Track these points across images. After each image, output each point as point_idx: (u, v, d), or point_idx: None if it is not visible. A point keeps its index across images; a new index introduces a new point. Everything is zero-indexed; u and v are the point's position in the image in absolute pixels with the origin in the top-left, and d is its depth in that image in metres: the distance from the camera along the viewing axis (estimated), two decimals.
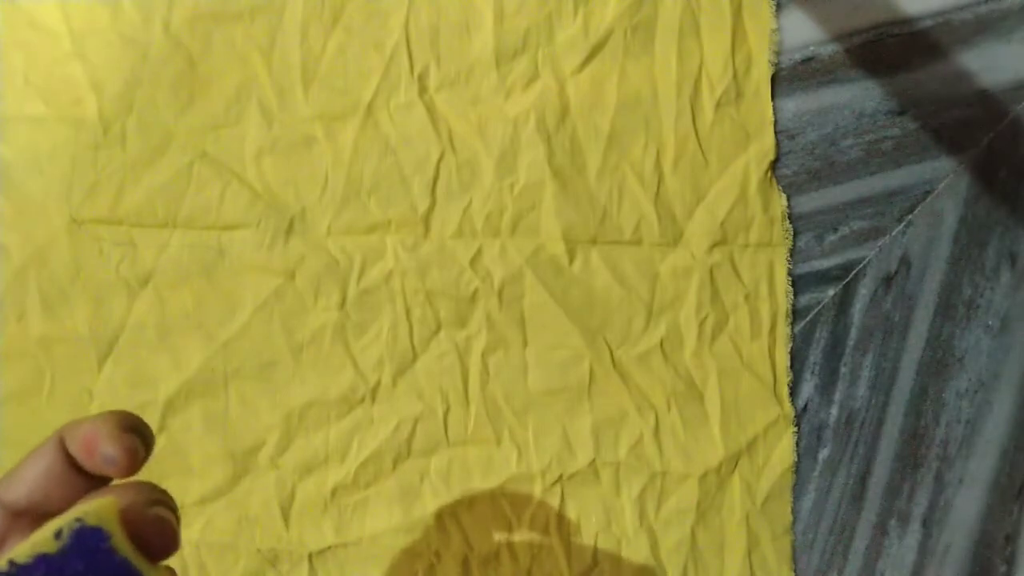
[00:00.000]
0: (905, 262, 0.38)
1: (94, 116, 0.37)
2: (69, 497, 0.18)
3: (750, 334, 0.37)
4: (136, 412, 0.19)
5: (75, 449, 0.18)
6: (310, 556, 0.37)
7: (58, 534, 0.15)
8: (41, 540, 0.15)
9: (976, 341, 0.37)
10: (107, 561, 0.16)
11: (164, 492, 0.18)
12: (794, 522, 0.38)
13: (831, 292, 0.38)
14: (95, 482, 0.18)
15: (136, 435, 0.18)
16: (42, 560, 0.15)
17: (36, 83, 0.37)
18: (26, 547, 0.15)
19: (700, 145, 0.37)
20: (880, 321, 0.38)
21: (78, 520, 0.16)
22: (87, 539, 0.16)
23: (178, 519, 0.18)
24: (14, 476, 0.18)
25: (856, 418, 0.38)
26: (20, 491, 0.18)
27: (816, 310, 0.38)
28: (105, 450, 0.17)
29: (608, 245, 0.37)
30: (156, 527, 0.17)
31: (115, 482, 0.18)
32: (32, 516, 0.18)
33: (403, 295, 0.37)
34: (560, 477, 0.37)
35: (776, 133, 0.37)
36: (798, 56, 0.37)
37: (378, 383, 0.37)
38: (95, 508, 0.16)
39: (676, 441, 0.37)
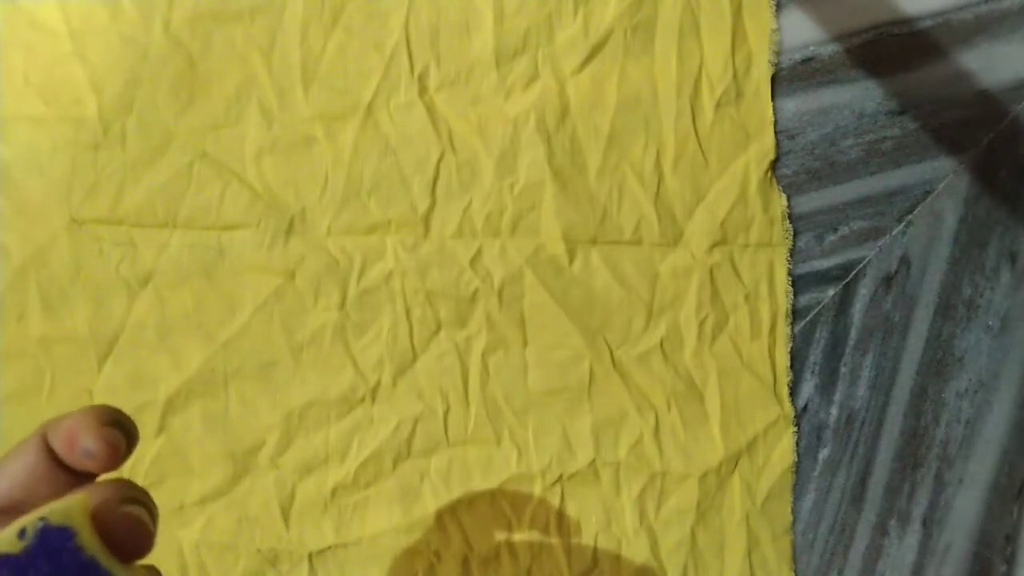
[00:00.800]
0: (905, 262, 0.38)
1: (94, 116, 0.37)
2: (52, 494, 0.17)
3: (750, 334, 0.37)
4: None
5: (57, 444, 0.17)
6: (310, 556, 0.37)
7: (22, 533, 0.15)
8: (4, 540, 0.15)
9: (976, 341, 0.37)
10: (72, 560, 0.15)
11: (141, 490, 0.18)
12: (794, 522, 0.38)
13: (831, 292, 0.38)
14: (79, 479, 0.18)
15: (117, 429, 0.18)
16: (4, 561, 0.15)
17: (36, 83, 0.37)
18: None
19: (700, 145, 0.37)
20: (880, 321, 0.38)
21: (42, 519, 0.15)
22: (52, 538, 0.15)
23: (155, 518, 0.17)
24: None
25: (856, 418, 0.38)
26: (3, 489, 0.17)
27: (816, 310, 0.38)
28: (84, 444, 0.17)
29: (608, 245, 0.37)
30: (128, 525, 0.16)
31: (99, 479, 0.18)
32: (15, 513, 0.17)
33: (403, 295, 0.37)
34: (560, 477, 0.37)
35: (776, 133, 0.37)
36: (798, 56, 0.37)
37: (378, 383, 0.37)
38: (62, 506, 0.16)
39: (676, 441, 0.37)
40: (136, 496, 0.17)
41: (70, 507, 0.16)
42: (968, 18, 0.37)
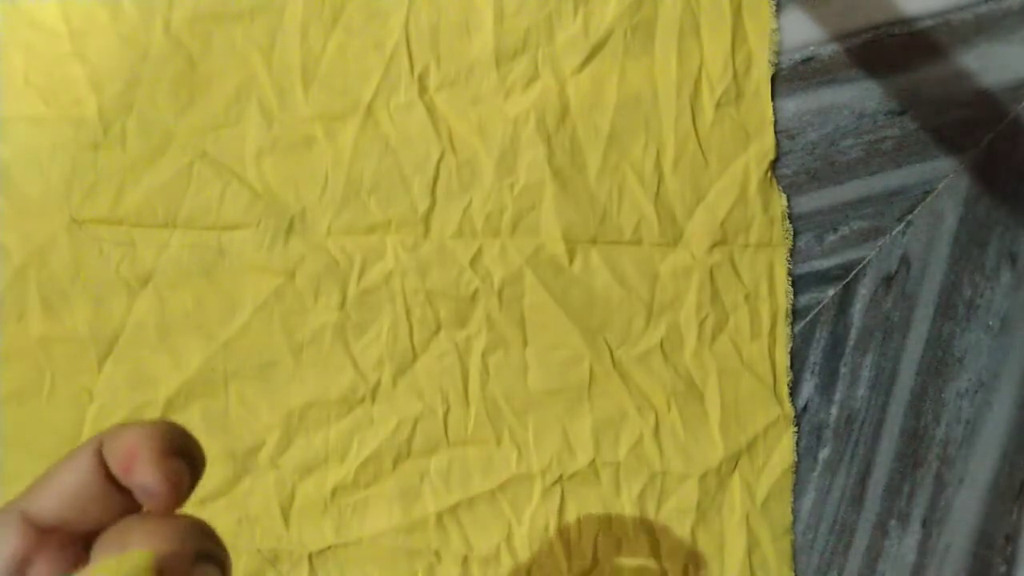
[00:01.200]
0: (905, 262, 0.38)
1: (94, 116, 0.37)
2: (106, 515, 0.15)
3: (750, 334, 0.37)
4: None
5: (113, 464, 0.15)
6: (310, 556, 0.37)
7: None
8: None
9: (976, 341, 0.37)
10: None
11: (213, 538, 0.16)
12: (794, 522, 0.38)
13: (831, 292, 0.38)
14: (135, 501, 0.16)
15: (182, 459, 0.15)
16: None
17: (36, 83, 0.37)
18: None
19: (700, 145, 0.37)
20: (880, 321, 0.38)
21: None
22: None
23: (228, 573, 0.16)
24: (44, 489, 0.15)
25: (856, 418, 0.38)
26: (51, 507, 0.15)
27: (816, 310, 0.38)
28: (143, 479, 0.15)
29: (608, 245, 0.37)
30: None
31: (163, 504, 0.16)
32: (63, 534, 0.15)
33: (403, 295, 0.37)
34: (560, 477, 0.37)
35: (776, 133, 0.37)
36: (798, 56, 0.37)
37: (378, 383, 0.37)
38: (125, 570, 0.14)
39: (676, 441, 0.37)
40: (208, 549, 0.15)
41: (133, 570, 0.14)
42: (968, 18, 0.37)
